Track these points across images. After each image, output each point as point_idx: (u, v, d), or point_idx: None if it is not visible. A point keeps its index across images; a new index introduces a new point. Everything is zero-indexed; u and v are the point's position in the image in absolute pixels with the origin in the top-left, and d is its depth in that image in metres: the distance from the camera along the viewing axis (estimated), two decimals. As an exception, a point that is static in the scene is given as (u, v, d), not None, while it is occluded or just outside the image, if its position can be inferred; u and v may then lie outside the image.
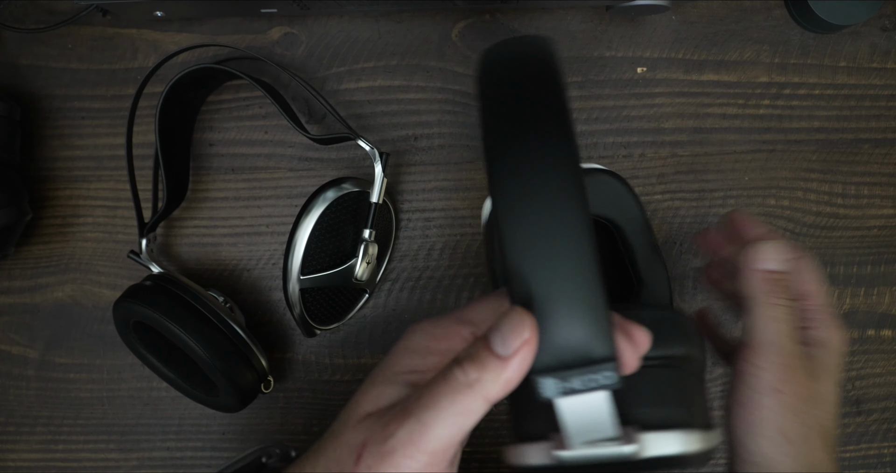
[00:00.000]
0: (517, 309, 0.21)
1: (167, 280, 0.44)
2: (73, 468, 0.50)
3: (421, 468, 0.22)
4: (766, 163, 0.49)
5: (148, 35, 0.48)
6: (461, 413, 0.22)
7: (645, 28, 0.48)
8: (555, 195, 0.22)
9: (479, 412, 0.22)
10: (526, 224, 0.22)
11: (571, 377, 0.23)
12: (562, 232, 0.22)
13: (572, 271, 0.22)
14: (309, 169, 0.49)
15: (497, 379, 0.22)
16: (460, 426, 0.22)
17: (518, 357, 0.21)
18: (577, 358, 0.22)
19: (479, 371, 0.22)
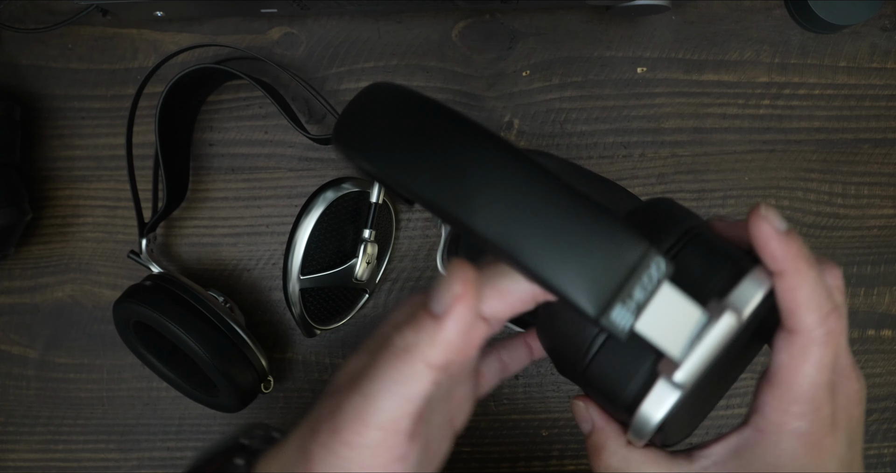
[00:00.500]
0: (452, 263, 0.20)
1: (167, 280, 0.44)
2: (73, 468, 0.50)
3: (374, 444, 0.20)
4: (766, 163, 0.49)
5: (148, 35, 0.48)
6: (402, 382, 0.20)
7: (645, 28, 0.48)
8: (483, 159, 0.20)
9: (424, 379, 0.20)
10: (479, 197, 0.20)
11: (628, 294, 0.21)
12: (513, 180, 0.20)
13: (546, 205, 0.20)
14: (309, 169, 0.49)
15: (433, 341, 0.19)
16: (405, 395, 0.20)
17: (452, 315, 0.19)
18: (618, 276, 0.20)
19: (414, 333, 0.20)
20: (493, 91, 0.48)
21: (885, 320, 0.50)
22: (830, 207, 0.49)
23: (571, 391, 0.50)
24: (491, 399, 0.50)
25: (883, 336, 0.50)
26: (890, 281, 0.49)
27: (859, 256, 0.49)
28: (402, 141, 0.21)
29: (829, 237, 0.49)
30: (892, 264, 0.49)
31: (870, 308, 0.50)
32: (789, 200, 0.49)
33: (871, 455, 0.50)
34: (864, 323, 0.50)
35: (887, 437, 0.50)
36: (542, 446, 0.50)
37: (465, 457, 0.50)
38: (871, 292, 0.49)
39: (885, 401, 0.50)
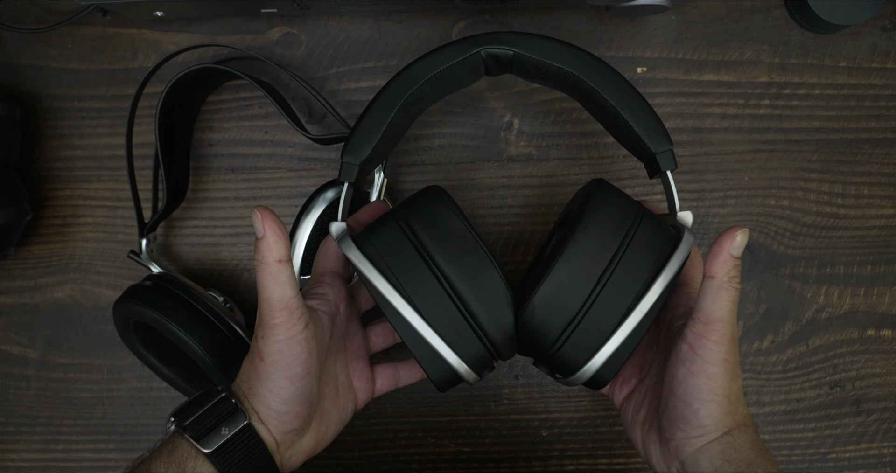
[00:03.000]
0: (255, 210, 0.32)
1: (167, 280, 0.44)
2: (73, 468, 0.50)
3: (282, 321, 0.32)
4: (766, 163, 0.49)
5: (148, 35, 0.48)
6: (272, 278, 0.32)
7: (645, 28, 0.48)
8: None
9: (281, 269, 0.32)
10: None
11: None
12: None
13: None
14: (309, 169, 0.49)
15: (263, 249, 0.32)
16: (279, 283, 0.32)
17: (266, 231, 0.32)
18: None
19: (256, 252, 0.32)
20: (493, 91, 0.48)
21: (885, 320, 0.50)
22: (830, 207, 0.49)
23: (571, 391, 0.50)
24: (491, 399, 0.50)
25: (883, 336, 0.50)
26: (890, 281, 0.49)
27: (859, 256, 0.49)
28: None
29: (829, 237, 0.49)
30: (892, 264, 0.49)
31: (870, 308, 0.50)
32: (789, 200, 0.49)
33: (871, 455, 0.50)
34: (864, 323, 0.50)
35: (887, 437, 0.50)
36: (542, 446, 0.50)
37: (465, 457, 0.50)
38: (871, 292, 0.49)
39: (885, 401, 0.50)
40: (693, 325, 0.33)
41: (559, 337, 0.33)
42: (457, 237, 0.33)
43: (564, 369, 0.34)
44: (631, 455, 0.50)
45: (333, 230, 0.35)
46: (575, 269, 0.33)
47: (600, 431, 0.50)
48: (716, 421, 0.33)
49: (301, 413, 0.34)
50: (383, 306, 0.33)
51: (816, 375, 0.50)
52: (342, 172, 0.36)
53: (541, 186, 0.49)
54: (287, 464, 0.35)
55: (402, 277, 0.33)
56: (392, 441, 0.50)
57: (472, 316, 0.33)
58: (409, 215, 0.34)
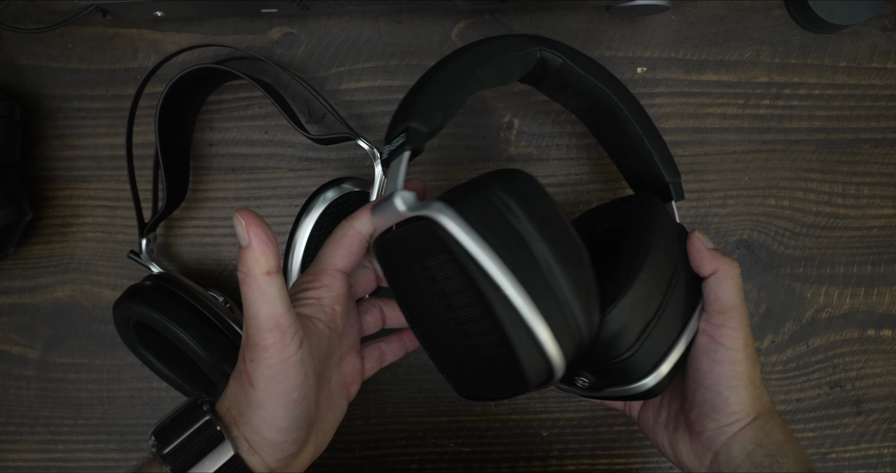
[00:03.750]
0: (238, 213, 0.28)
1: (167, 280, 0.44)
2: (73, 468, 0.50)
3: (273, 342, 0.28)
4: (766, 163, 0.49)
5: (148, 35, 0.48)
6: (260, 293, 0.28)
7: (645, 28, 0.48)
8: None
9: (269, 282, 0.28)
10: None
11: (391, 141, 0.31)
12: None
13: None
14: (309, 169, 0.49)
15: (248, 260, 0.28)
16: (268, 299, 0.28)
17: (252, 238, 0.28)
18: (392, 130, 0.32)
19: (243, 262, 0.28)
20: (493, 91, 0.48)
21: (885, 320, 0.50)
22: (830, 207, 0.49)
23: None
24: (491, 400, 0.50)
25: (883, 336, 0.50)
26: (890, 281, 0.49)
27: (859, 256, 0.49)
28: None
29: (829, 237, 0.49)
30: (892, 264, 0.49)
31: (870, 308, 0.50)
32: (789, 200, 0.49)
33: (871, 455, 0.50)
34: (864, 323, 0.50)
35: (887, 437, 0.50)
36: (542, 446, 0.50)
37: (465, 457, 0.50)
38: (871, 292, 0.49)
39: (885, 401, 0.50)
40: (709, 317, 0.34)
41: (636, 341, 0.32)
42: (555, 223, 0.30)
43: (629, 377, 0.33)
44: (631, 455, 0.50)
45: (400, 199, 0.29)
46: (653, 279, 0.33)
47: (600, 431, 0.50)
48: (745, 407, 0.34)
49: (299, 437, 0.31)
50: (486, 288, 0.27)
51: (816, 375, 0.50)
52: (410, 137, 0.30)
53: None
54: None
55: (506, 258, 0.27)
56: (392, 441, 0.50)
57: (570, 309, 0.29)
58: (503, 191, 0.29)
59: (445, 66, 0.33)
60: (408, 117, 0.31)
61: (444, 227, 0.27)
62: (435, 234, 0.28)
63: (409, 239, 0.30)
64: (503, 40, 0.35)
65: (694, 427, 0.35)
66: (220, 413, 0.31)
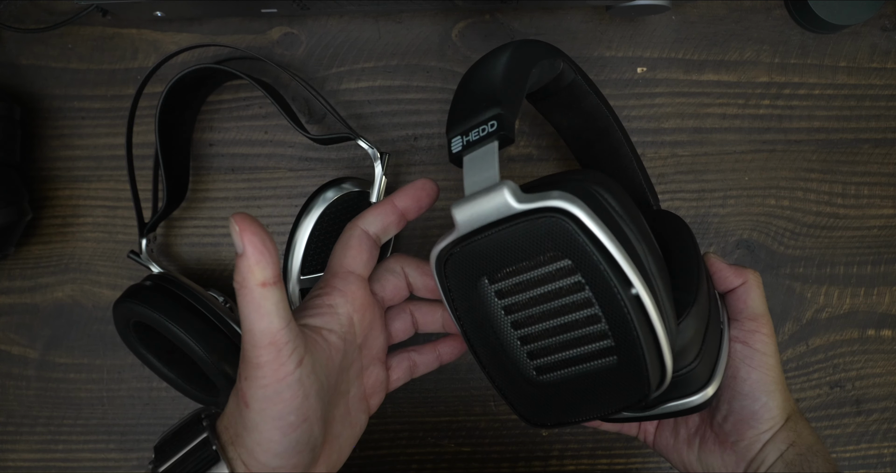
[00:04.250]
0: (233, 217, 0.26)
1: (167, 280, 0.44)
2: (73, 468, 0.50)
3: (269, 360, 0.26)
4: (766, 163, 0.49)
5: (148, 35, 0.48)
6: (255, 306, 0.26)
7: (645, 28, 0.48)
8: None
9: (265, 295, 0.26)
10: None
11: (466, 133, 0.28)
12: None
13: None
14: (309, 169, 0.49)
15: (243, 269, 0.26)
16: (263, 313, 0.26)
17: (247, 246, 0.25)
18: (468, 121, 0.28)
19: (236, 272, 0.26)
20: (493, 91, 0.48)
21: (885, 320, 0.50)
22: (830, 207, 0.49)
23: (571, 391, 0.50)
24: (491, 399, 0.50)
25: (883, 336, 0.50)
26: (890, 281, 0.49)
27: (859, 256, 0.49)
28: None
29: (829, 237, 0.49)
30: (892, 264, 0.49)
31: (870, 308, 0.50)
32: (789, 200, 0.49)
33: (871, 455, 0.50)
34: (864, 323, 0.50)
35: (887, 437, 0.50)
36: (542, 446, 0.50)
37: (465, 457, 0.50)
38: (871, 292, 0.49)
39: (885, 401, 0.50)
40: (742, 324, 0.35)
41: (699, 352, 0.32)
42: (641, 225, 0.29)
43: (686, 390, 0.32)
44: (631, 455, 0.50)
45: (509, 189, 0.26)
46: (705, 293, 0.33)
47: (600, 431, 0.50)
48: (782, 410, 0.35)
49: (300, 462, 0.28)
50: (617, 286, 0.25)
51: (816, 375, 0.50)
52: (502, 125, 0.27)
53: (541, 186, 0.49)
54: None
55: (630, 257, 0.26)
56: (392, 441, 0.50)
57: (669, 316, 0.28)
58: (602, 188, 0.28)
59: (510, 56, 0.30)
60: (496, 102, 0.28)
61: (579, 221, 0.25)
62: (562, 230, 0.25)
63: (512, 238, 0.26)
64: (537, 45, 0.33)
65: (729, 437, 0.36)
66: (218, 430, 0.30)
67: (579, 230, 0.25)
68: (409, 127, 0.48)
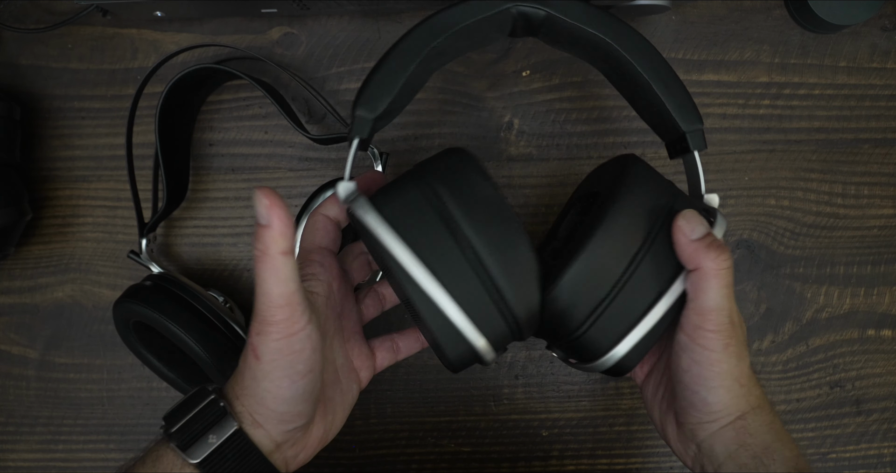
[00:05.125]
0: (257, 191, 0.27)
1: (167, 280, 0.44)
2: (73, 468, 0.50)
3: (283, 318, 0.29)
4: (766, 163, 0.49)
5: (148, 35, 0.48)
6: (274, 271, 0.28)
7: (645, 28, 0.48)
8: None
9: (284, 263, 0.28)
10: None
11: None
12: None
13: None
14: (309, 169, 0.49)
15: (267, 239, 0.28)
16: (281, 278, 0.28)
17: (273, 218, 0.27)
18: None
19: (258, 241, 0.28)
20: (493, 91, 0.48)
21: (885, 320, 0.50)
22: (830, 207, 0.49)
23: (571, 391, 0.50)
24: (491, 400, 0.50)
25: (883, 336, 0.50)
26: (890, 281, 0.49)
27: (859, 256, 0.49)
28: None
29: (829, 237, 0.49)
30: (892, 264, 0.49)
31: (870, 308, 0.50)
32: (789, 200, 0.49)
33: (871, 455, 0.50)
34: (864, 323, 0.50)
35: (887, 437, 0.50)
36: (542, 446, 0.50)
37: (465, 457, 0.50)
38: (871, 292, 0.49)
39: (885, 401, 0.50)
40: (688, 315, 0.32)
41: (586, 319, 0.32)
42: (486, 204, 0.30)
43: (586, 354, 0.33)
44: (631, 455, 0.50)
45: (342, 190, 0.31)
46: (608, 250, 0.31)
47: (600, 431, 0.50)
48: (727, 406, 0.32)
49: (304, 411, 0.32)
50: (399, 276, 0.30)
51: (816, 375, 0.50)
52: (354, 127, 0.31)
53: (541, 186, 0.49)
54: (295, 462, 0.34)
55: (422, 245, 0.30)
56: (392, 441, 0.50)
57: (497, 291, 0.30)
58: (432, 177, 0.31)
59: (397, 46, 0.32)
60: (355, 104, 0.32)
61: (363, 222, 0.30)
62: (363, 227, 0.30)
63: (357, 225, 0.31)
64: (468, 5, 0.32)
65: (678, 416, 0.35)
66: (224, 391, 0.32)
67: (368, 229, 0.30)
68: (409, 127, 0.48)
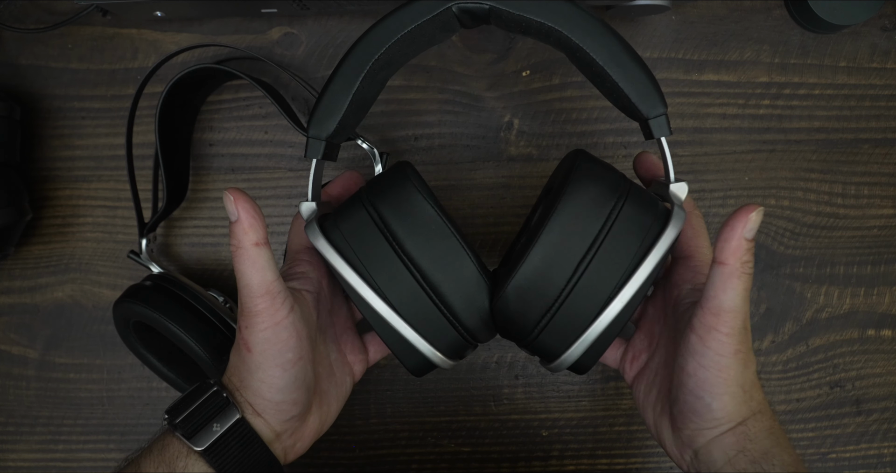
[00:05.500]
0: (227, 191, 0.30)
1: (167, 280, 0.44)
2: (73, 468, 0.50)
3: (265, 307, 0.31)
4: (766, 163, 0.49)
5: (148, 35, 0.48)
6: (250, 262, 0.30)
7: (645, 28, 0.48)
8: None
9: (258, 253, 0.30)
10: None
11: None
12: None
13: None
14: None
15: (238, 233, 0.30)
16: (257, 267, 0.30)
17: (240, 214, 0.30)
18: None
19: (233, 236, 0.31)
20: (493, 91, 0.48)
21: (885, 320, 0.50)
22: (830, 207, 0.49)
23: (571, 391, 0.50)
24: (491, 400, 0.50)
25: (883, 336, 0.50)
26: (890, 281, 0.49)
27: (859, 256, 0.49)
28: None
29: (829, 237, 0.49)
30: (892, 264, 0.49)
31: (870, 308, 0.50)
32: (789, 200, 0.49)
33: (871, 455, 0.50)
34: (864, 323, 0.50)
35: (887, 437, 0.50)
36: (542, 446, 0.50)
37: (465, 457, 0.50)
38: (871, 292, 0.49)
39: (885, 401, 0.50)
40: (702, 315, 0.31)
41: (535, 325, 0.32)
42: (426, 222, 0.32)
43: (545, 356, 0.34)
44: (631, 455, 0.50)
45: (303, 210, 0.34)
46: (552, 254, 0.31)
47: (600, 431, 0.50)
48: (729, 413, 0.32)
49: (299, 399, 0.33)
50: (352, 296, 0.32)
51: (816, 375, 0.50)
52: (308, 149, 0.33)
53: (541, 186, 0.49)
54: (293, 451, 0.35)
55: (370, 266, 0.32)
56: (392, 441, 0.50)
57: (444, 304, 0.32)
58: (377, 198, 0.33)
59: (340, 64, 0.33)
60: (307, 126, 0.33)
61: (315, 247, 0.33)
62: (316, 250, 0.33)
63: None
64: (404, 12, 0.32)
65: (675, 421, 0.34)
66: (224, 383, 0.34)
67: (316, 245, 0.33)
68: (409, 127, 0.48)
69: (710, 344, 0.30)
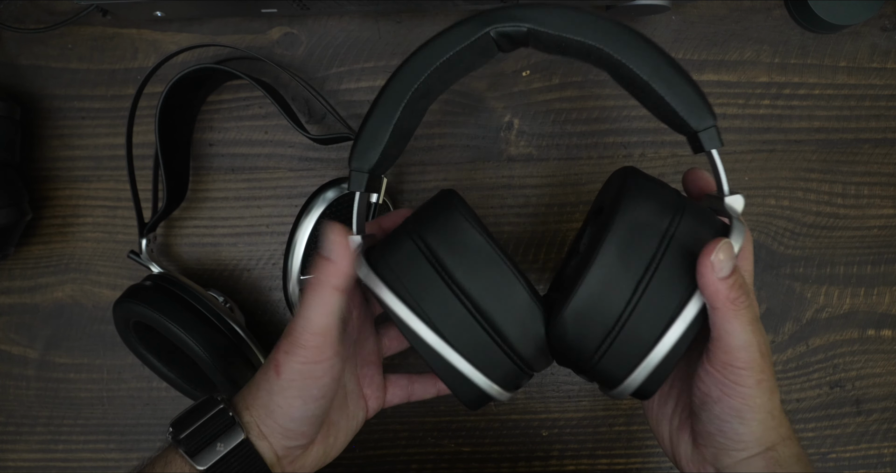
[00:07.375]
0: (329, 226, 0.30)
1: (167, 280, 0.44)
2: (73, 468, 0.50)
3: (316, 345, 0.30)
4: (766, 163, 0.49)
5: (148, 35, 0.48)
6: (323, 302, 0.30)
7: (645, 28, 0.48)
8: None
9: (334, 298, 0.30)
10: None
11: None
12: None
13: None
14: (309, 169, 0.49)
15: (329, 271, 0.30)
16: (326, 311, 0.30)
17: (336, 255, 0.30)
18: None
19: (317, 271, 0.30)
20: (493, 91, 0.48)
21: (885, 320, 0.50)
22: (830, 207, 0.49)
23: (571, 391, 0.50)
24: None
25: (883, 336, 0.50)
26: (890, 281, 0.49)
27: (859, 256, 0.49)
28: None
29: (829, 237, 0.49)
30: (892, 264, 0.49)
31: (870, 308, 0.50)
32: (789, 200, 0.49)
33: (871, 455, 0.50)
34: (864, 323, 0.50)
35: (887, 437, 0.50)
36: (542, 446, 0.50)
37: (465, 457, 0.50)
38: (871, 292, 0.49)
39: (885, 401, 0.50)
40: (715, 353, 0.30)
41: (595, 351, 0.30)
42: (476, 251, 0.31)
43: (605, 382, 0.32)
44: (631, 455, 0.50)
45: (353, 244, 0.33)
46: (609, 276, 0.30)
47: (600, 431, 0.50)
48: (758, 438, 0.31)
49: (308, 432, 0.33)
50: (402, 329, 0.31)
51: (816, 375, 0.50)
52: (351, 182, 0.33)
53: (541, 186, 0.49)
54: None
55: (419, 297, 0.31)
56: (392, 441, 0.50)
57: (498, 334, 0.31)
58: (424, 228, 0.32)
59: (380, 95, 0.33)
60: (350, 159, 0.33)
61: (362, 280, 0.32)
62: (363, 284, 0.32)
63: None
64: (443, 39, 0.32)
65: (698, 438, 0.33)
66: (234, 402, 0.33)
67: (364, 279, 0.32)
68: (409, 127, 0.48)
69: (729, 377, 0.30)
